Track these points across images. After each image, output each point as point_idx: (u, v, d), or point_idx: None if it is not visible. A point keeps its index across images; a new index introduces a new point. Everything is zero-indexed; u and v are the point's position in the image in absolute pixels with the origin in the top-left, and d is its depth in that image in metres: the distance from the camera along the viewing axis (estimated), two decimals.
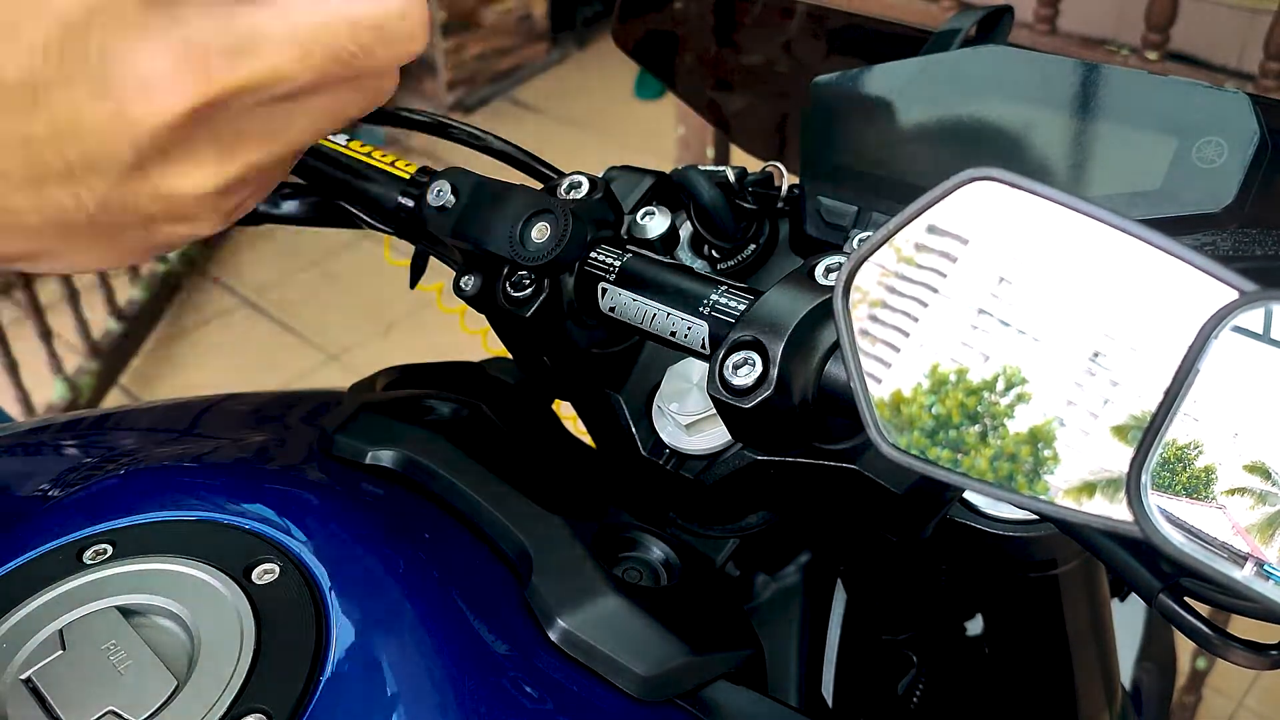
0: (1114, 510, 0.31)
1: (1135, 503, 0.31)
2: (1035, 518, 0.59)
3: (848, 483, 0.48)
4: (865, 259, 0.36)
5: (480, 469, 0.54)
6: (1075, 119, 0.54)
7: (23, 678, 0.42)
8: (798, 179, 0.61)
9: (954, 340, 0.34)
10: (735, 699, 0.49)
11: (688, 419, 0.55)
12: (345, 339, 2.58)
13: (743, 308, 0.47)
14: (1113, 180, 0.52)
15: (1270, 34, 1.31)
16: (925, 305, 0.35)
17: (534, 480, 0.55)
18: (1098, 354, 0.32)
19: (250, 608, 0.44)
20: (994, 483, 0.34)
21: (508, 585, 0.49)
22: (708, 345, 0.48)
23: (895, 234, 0.35)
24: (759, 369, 0.44)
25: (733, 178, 0.59)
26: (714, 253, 0.61)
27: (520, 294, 0.54)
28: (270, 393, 0.69)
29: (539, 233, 0.53)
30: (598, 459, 0.66)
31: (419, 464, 0.54)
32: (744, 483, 0.54)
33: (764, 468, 0.50)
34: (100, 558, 0.46)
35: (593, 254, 0.53)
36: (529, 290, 0.53)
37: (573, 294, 0.53)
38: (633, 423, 0.58)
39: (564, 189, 0.55)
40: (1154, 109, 0.52)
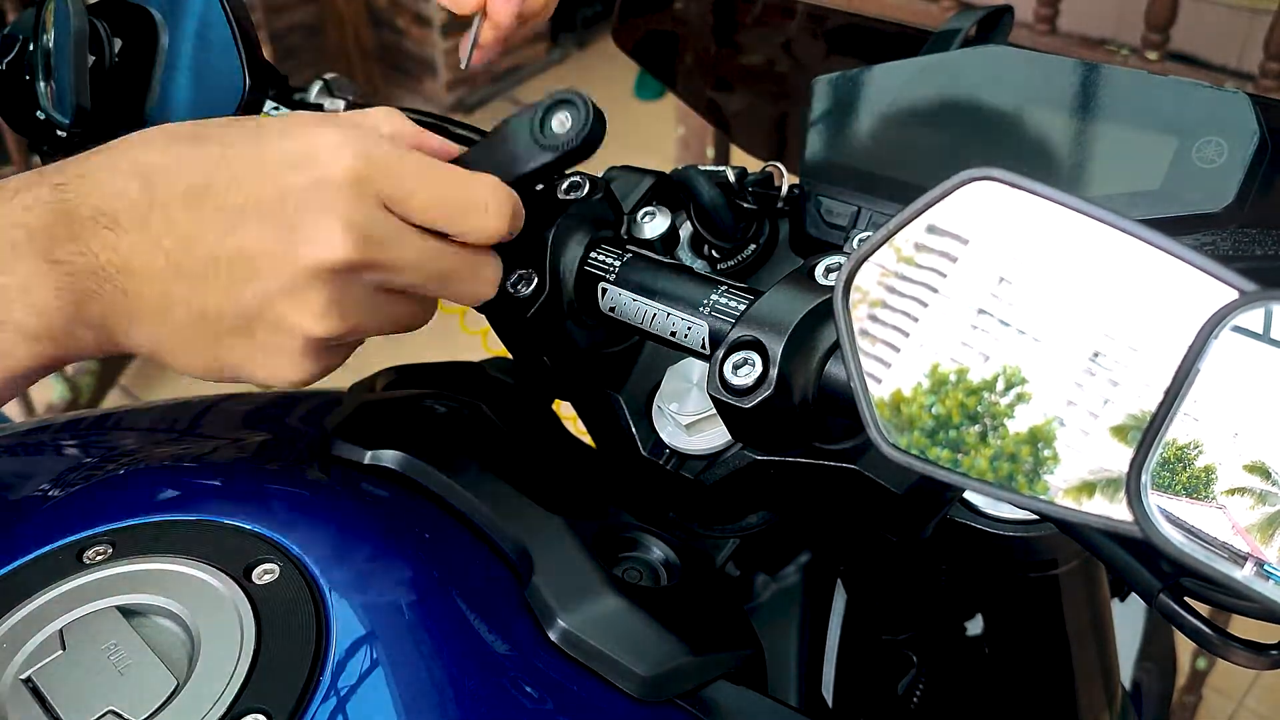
0: (1114, 510, 0.31)
1: (1135, 503, 0.31)
2: (1035, 518, 0.59)
3: (848, 483, 0.48)
4: (865, 259, 0.36)
5: (480, 469, 0.54)
6: (1075, 119, 0.54)
7: (23, 678, 0.42)
8: (798, 179, 0.61)
9: (954, 340, 0.34)
10: (735, 699, 0.49)
11: (688, 419, 0.55)
12: None
13: (743, 308, 0.47)
14: (1113, 180, 0.52)
15: (1270, 34, 1.31)
16: (925, 305, 0.35)
17: (534, 480, 0.55)
18: (1098, 354, 0.32)
19: (250, 608, 0.44)
20: (994, 483, 0.34)
21: (508, 585, 0.49)
22: (708, 345, 0.48)
23: (895, 234, 0.35)
24: (759, 369, 0.44)
25: (733, 178, 0.59)
26: (714, 253, 0.61)
27: (520, 294, 0.54)
28: (270, 393, 0.69)
29: (559, 122, 0.51)
30: (598, 459, 0.66)
31: (419, 464, 0.54)
32: (744, 483, 0.54)
33: (764, 468, 0.50)
34: (100, 558, 0.46)
35: (593, 254, 0.53)
36: (529, 290, 0.53)
37: (573, 294, 0.53)
38: (633, 423, 0.58)
39: (564, 189, 0.55)
40: (1154, 109, 0.52)
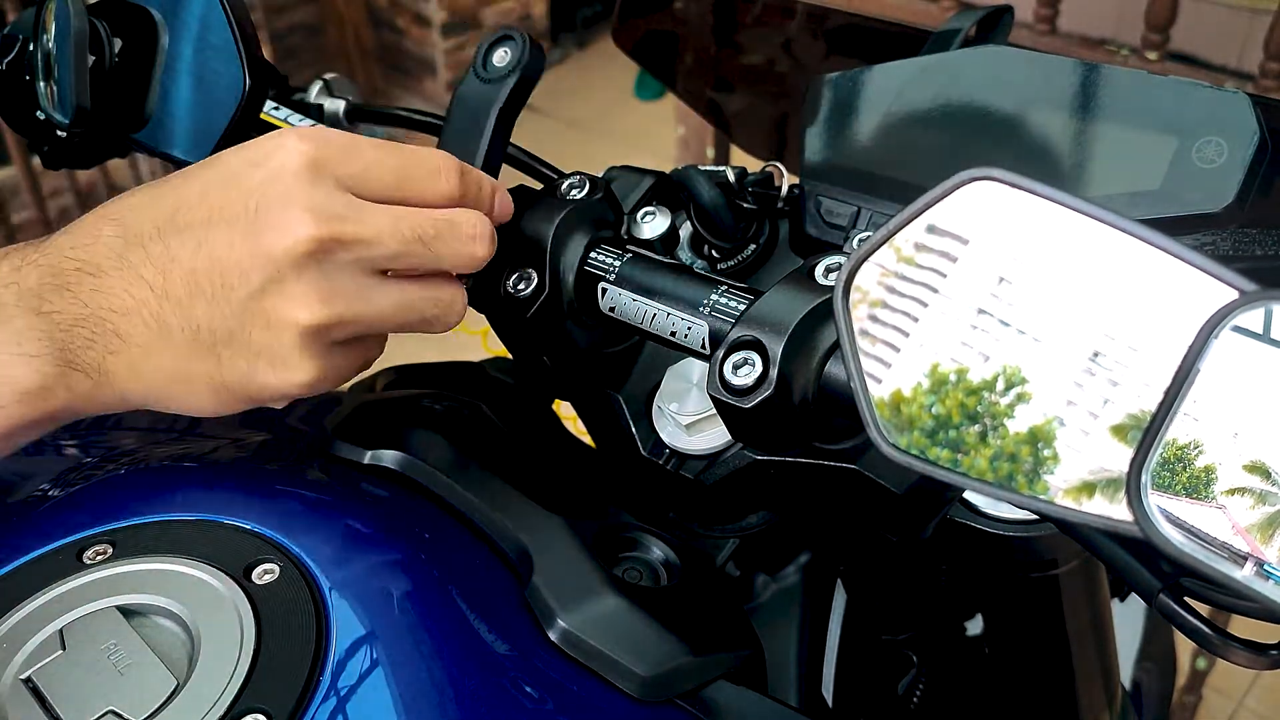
0: (1114, 510, 0.31)
1: (1135, 503, 0.31)
2: (1035, 518, 0.59)
3: (848, 483, 0.48)
4: (865, 259, 0.36)
5: (480, 469, 0.54)
6: (1075, 119, 0.54)
7: (23, 678, 0.42)
8: (798, 179, 0.61)
9: (954, 340, 0.34)
10: (735, 699, 0.49)
11: (688, 419, 0.55)
12: None
13: (743, 308, 0.47)
14: (1113, 180, 0.52)
15: (1270, 34, 1.31)
16: (925, 305, 0.35)
17: (534, 480, 0.55)
18: (1098, 354, 0.32)
19: (250, 608, 0.44)
20: (994, 483, 0.34)
21: (508, 585, 0.49)
22: (708, 345, 0.48)
23: (895, 234, 0.35)
24: (759, 369, 0.44)
25: (733, 178, 0.59)
26: (714, 253, 0.61)
27: (520, 294, 0.54)
28: None
29: (500, 57, 0.56)
30: (598, 459, 0.66)
31: (419, 464, 0.54)
32: (744, 483, 0.54)
33: (764, 468, 0.50)
34: (100, 558, 0.46)
35: (593, 254, 0.53)
36: (529, 290, 0.53)
37: (573, 294, 0.53)
38: (633, 423, 0.58)
39: (564, 189, 0.55)
40: (1154, 109, 0.52)
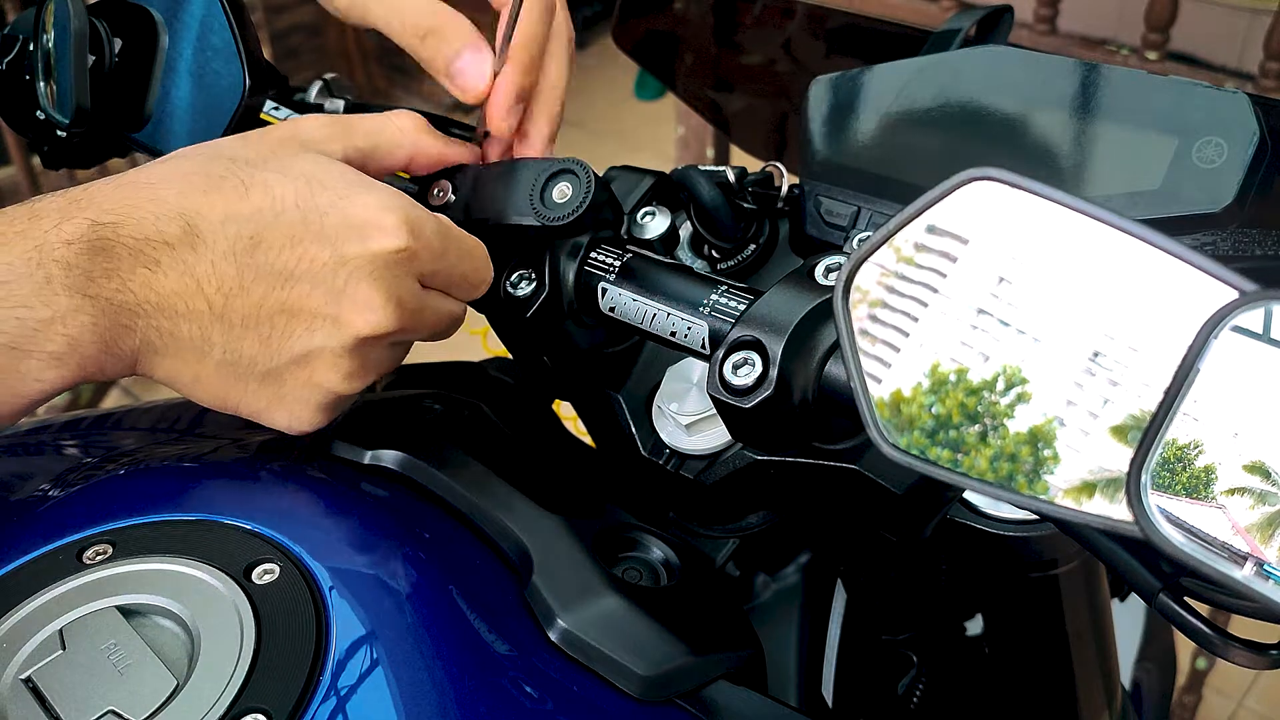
0: (1114, 510, 0.31)
1: (1135, 503, 0.31)
2: (1035, 518, 0.59)
3: (848, 483, 0.48)
4: (865, 259, 0.36)
5: (480, 469, 0.54)
6: (1075, 119, 0.54)
7: (23, 678, 0.42)
8: (798, 179, 0.61)
9: (954, 340, 0.34)
10: (735, 699, 0.49)
11: (688, 419, 0.55)
12: None
13: (743, 308, 0.47)
14: (1113, 180, 0.52)
15: (1270, 34, 1.31)
16: (925, 305, 0.35)
17: (534, 480, 0.55)
18: (1098, 354, 0.32)
19: (250, 608, 0.44)
20: (994, 483, 0.34)
21: (508, 585, 0.49)
22: (708, 345, 0.48)
23: (895, 234, 0.35)
24: (759, 369, 0.44)
25: (733, 178, 0.59)
26: (714, 253, 0.61)
27: (520, 294, 0.54)
28: None
29: (560, 193, 0.52)
30: (598, 459, 0.66)
31: (419, 464, 0.54)
32: (744, 483, 0.54)
33: (764, 468, 0.50)
34: (100, 558, 0.46)
35: (593, 254, 0.53)
36: (529, 290, 0.53)
37: (573, 294, 0.53)
38: (633, 423, 0.58)
39: None
40: (1154, 109, 0.52)
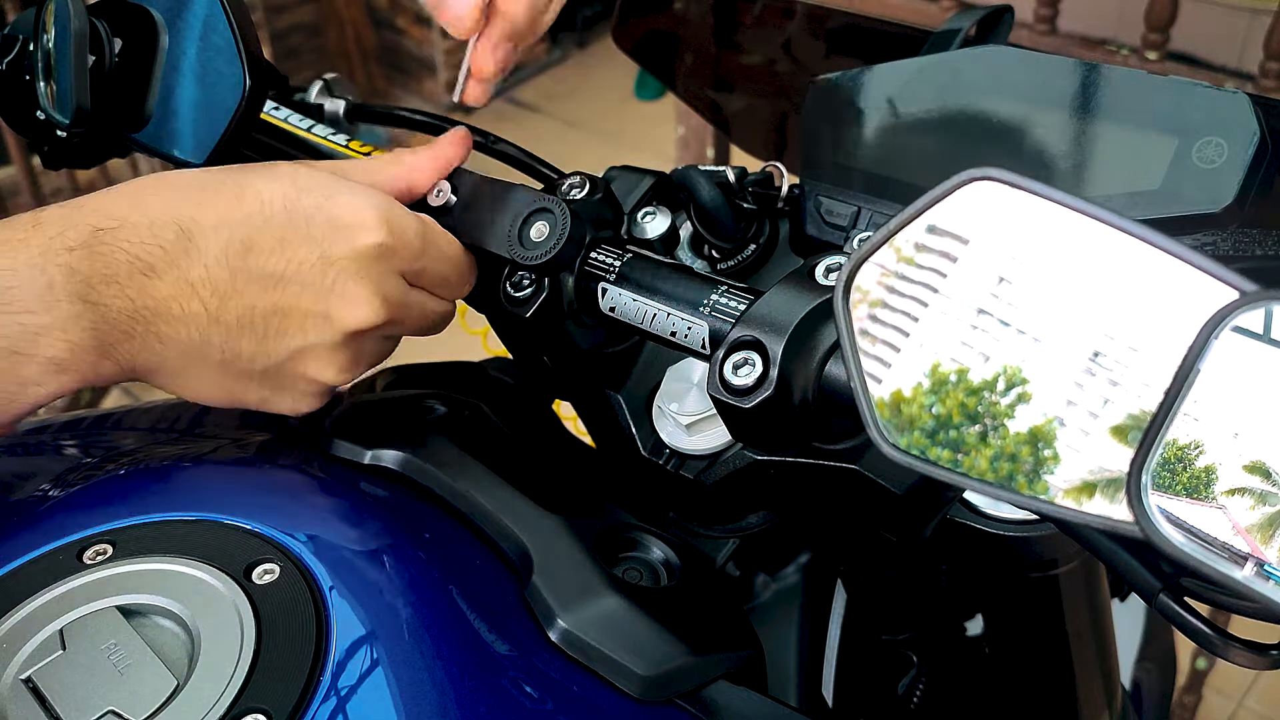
0: (1114, 510, 0.31)
1: (1135, 503, 0.31)
2: (1035, 518, 0.59)
3: (848, 483, 0.48)
4: (865, 259, 0.36)
5: (480, 469, 0.54)
6: (1075, 119, 0.54)
7: (23, 678, 0.42)
8: (798, 179, 0.61)
9: (954, 340, 0.34)
10: (735, 699, 0.49)
11: (688, 419, 0.55)
12: None
13: (743, 308, 0.47)
14: (1113, 180, 0.52)
15: (1270, 34, 1.31)
16: (925, 305, 0.35)
17: (534, 480, 0.55)
18: (1098, 354, 0.32)
19: (250, 608, 0.44)
20: (994, 483, 0.34)
21: (508, 585, 0.49)
22: (708, 345, 0.48)
23: (895, 234, 0.35)
24: (759, 369, 0.44)
25: (733, 178, 0.59)
26: (714, 253, 0.61)
27: (520, 294, 0.54)
28: None
29: (538, 232, 0.53)
30: (598, 459, 0.66)
31: (419, 464, 0.54)
32: (744, 483, 0.54)
33: (764, 468, 0.50)
34: (100, 558, 0.46)
35: (593, 254, 0.53)
36: (529, 290, 0.53)
37: (573, 294, 0.53)
38: (633, 423, 0.58)
39: (564, 189, 0.55)
40: (1154, 109, 0.52)
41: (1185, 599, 0.42)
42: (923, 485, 0.48)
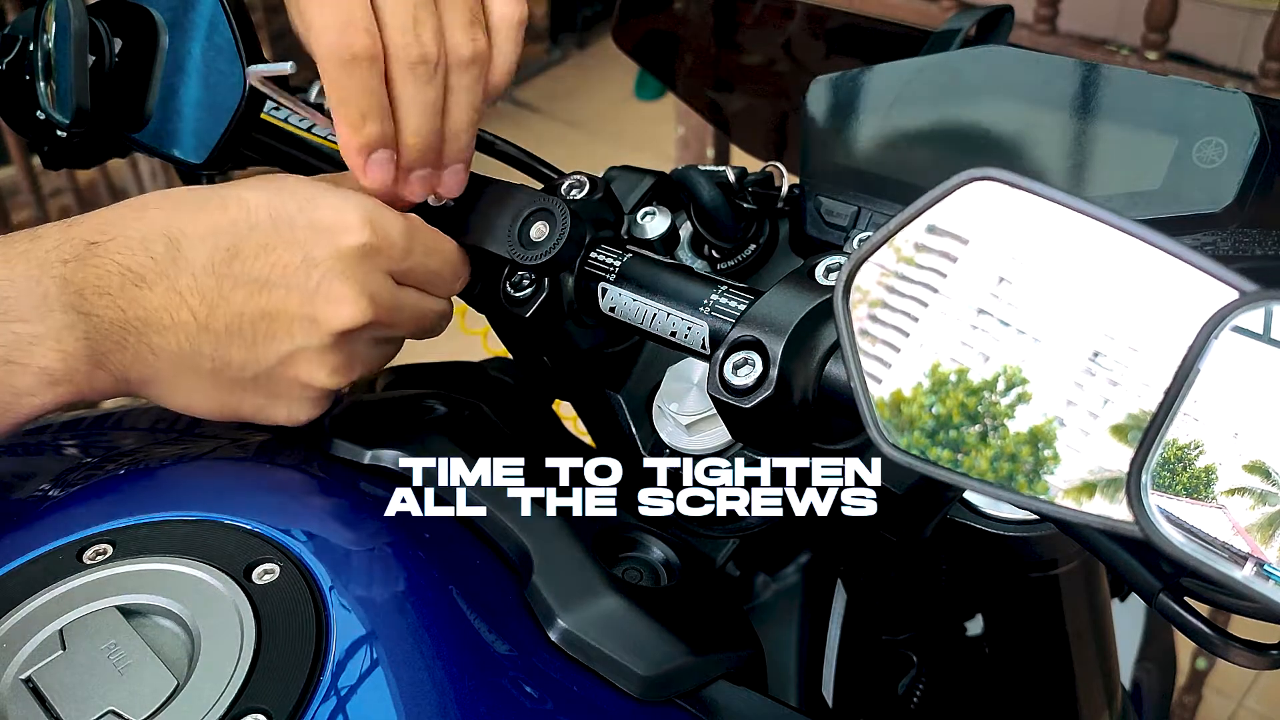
0: (1114, 510, 0.31)
1: (1135, 503, 0.31)
2: (1035, 518, 0.59)
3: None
4: (865, 259, 0.36)
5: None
6: (1075, 119, 0.54)
7: (23, 678, 0.42)
8: (798, 179, 0.61)
9: (954, 340, 0.34)
10: (735, 699, 0.49)
11: (688, 419, 0.55)
12: None
13: (743, 308, 0.47)
14: (1113, 180, 0.52)
15: (1270, 34, 1.31)
16: (925, 305, 0.35)
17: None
18: (1098, 354, 0.32)
19: (250, 608, 0.44)
20: (994, 483, 0.34)
21: (508, 585, 0.49)
22: (708, 345, 0.48)
23: (895, 234, 0.35)
24: (759, 369, 0.44)
25: (733, 178, 0.59)
26: (714, 253, 0.61)
27: (520, 294, 0.54)
28: None
29: (538, 232, 0.53)
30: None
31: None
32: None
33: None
34: (100, 558, 0.46)
35: (593, 254, 0.53)
36: (529, 290, 0.53)
37: (573, 294, 0.53)
38: (633, 423, 0.58)
39: (564, 189, 0.55)
40: (1154, 109, 0.52)
41: (1185, 599, 0.42)
42: (923, 485, 0.48)
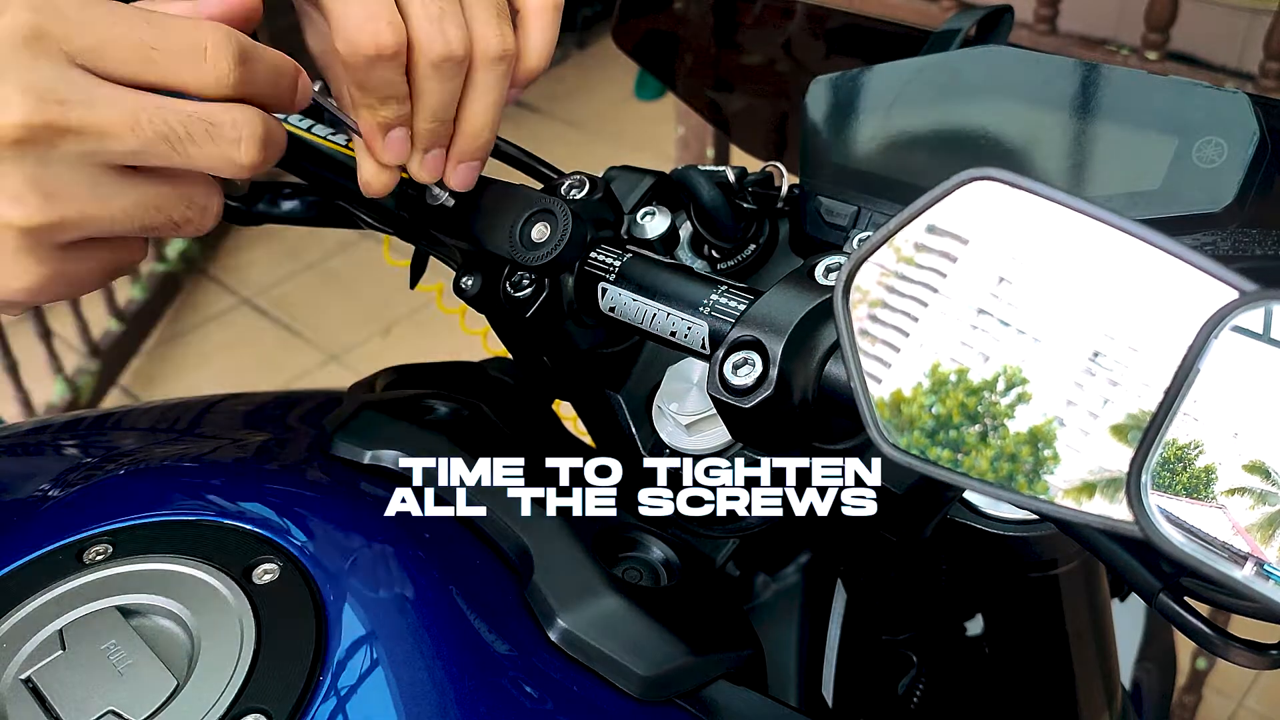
0: (1114, 510, 0.31)
1: (1135, 503, 0.31)
2: (1035, 518, 0.59)
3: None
4: (865, 259, 0.36)
5: None
6: (1075, 119, 0.54)
7: (23, 678, 0.42)
8: (798, 179, 0.61)
9: (954, 340, 0.34)
10: (735, 699, 0.49)
11: (688, 419, 0.55)
12: (345, 339, 2.58)
13: (743, 308, 0.47)
14: (1113, 180, 0.52)
15: (1270, 34, 1.31)
16: (925, 305, 0.35)
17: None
18: (1098, 354, 0.32)
19: (250, 608, 0.44)
20: (994, 483, 0.34)
21: (508, 585, 0.49)
22: (708, 345, 0.48)
23: (895, 234, 0.35)
24: (759, 369, 0.44)
25: (733, 178, 0.59)
26: (714, 253, 0.61)
27: (520, 294, 0.54)
28: (270, 393, 0.69)
29: (539, 233, 0.53)
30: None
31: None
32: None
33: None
34: (100, 558, 0.46)
35: (593, 254, 0.53)
36: (529, 290, 0.53)
37: (573, 294, 0.53)
38: (633, 423, 0.58)
39: (564, 189, 0.55)
40: (1154, 109, 0.52)
41: (1185, 599, 0.42)
42: (923, 485, 0.48)
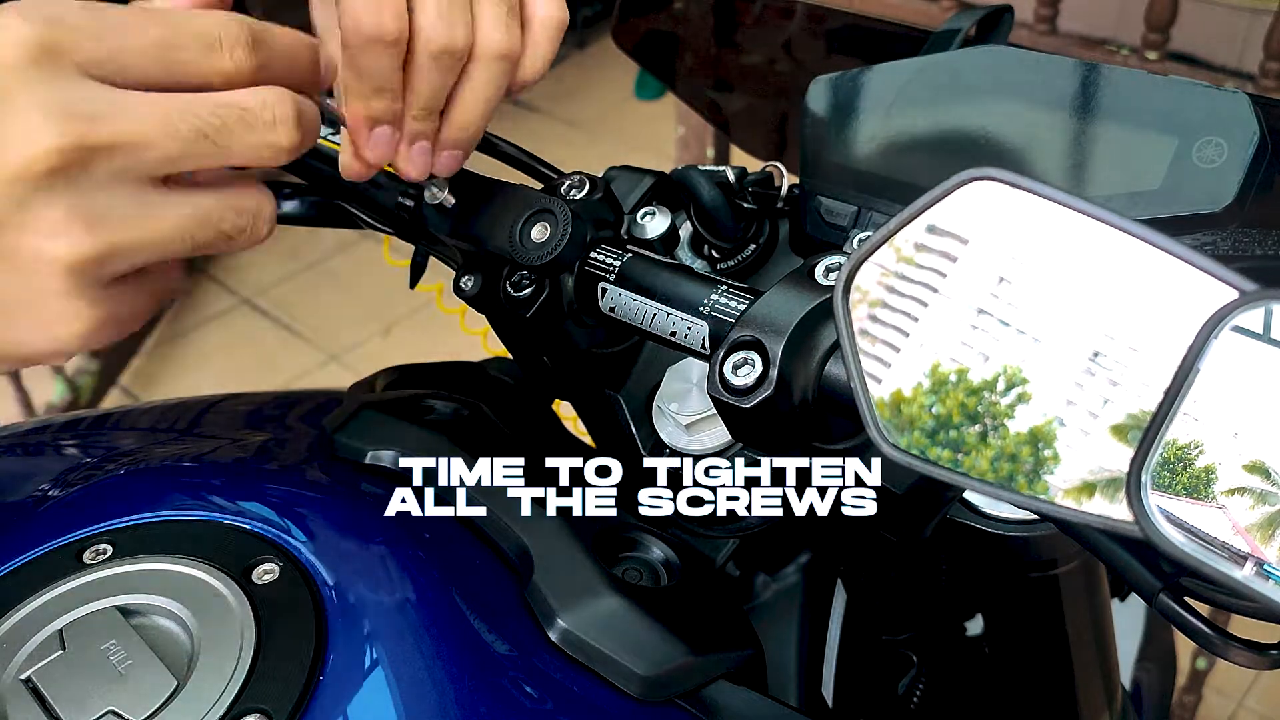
0: (1114, 510, 0.31)
1: (1135, 502, 0.31)
2: (1035, 518, 0.59)
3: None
4: (865, 259, 0.36)
5: None
6: (1075, 119, 0.54)
7: (23, 678, 0.42)
8: (798, 179, 0.61)
9: (954, 340, 0.34)
10: (735, 699, 0.49)
11: (688, 419, 0.55)
12: (345, 339, 2.58)
13: (743, 308, 0.47)
14: (1113, 180, 0.52)
15: (1270, 34, 1.31)
16: (925, 305, 0.35)
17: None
18: (1098, 354, 0.32)
19: (250, 608, 0.44)
20: (994, 483, 0.34)
21: (508, 585, 0.49)
22: (708, 345, 0.48)
23: (895, 234, 0.35)
24: (759, 369, 0.44)
25: (733, 178, 0.59)
26: (714, 253, 0.61)
27: (520, 294, 0.54)
28: (270, 393, 0.69)
29: (539, 232, 0.53)
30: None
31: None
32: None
33: None
34: (100, 558, 0.46)
35: (593, 254, 0.53)
36: (529, 290, 0.53)
37: (573, 294, 0.53)
38: (633, 423, 0.58)
39: (564, 189, 0.55)
40: (1154, 109, 0.52)
41: (1185, 599, 0.42)
42: (923, 485, 0.48)
